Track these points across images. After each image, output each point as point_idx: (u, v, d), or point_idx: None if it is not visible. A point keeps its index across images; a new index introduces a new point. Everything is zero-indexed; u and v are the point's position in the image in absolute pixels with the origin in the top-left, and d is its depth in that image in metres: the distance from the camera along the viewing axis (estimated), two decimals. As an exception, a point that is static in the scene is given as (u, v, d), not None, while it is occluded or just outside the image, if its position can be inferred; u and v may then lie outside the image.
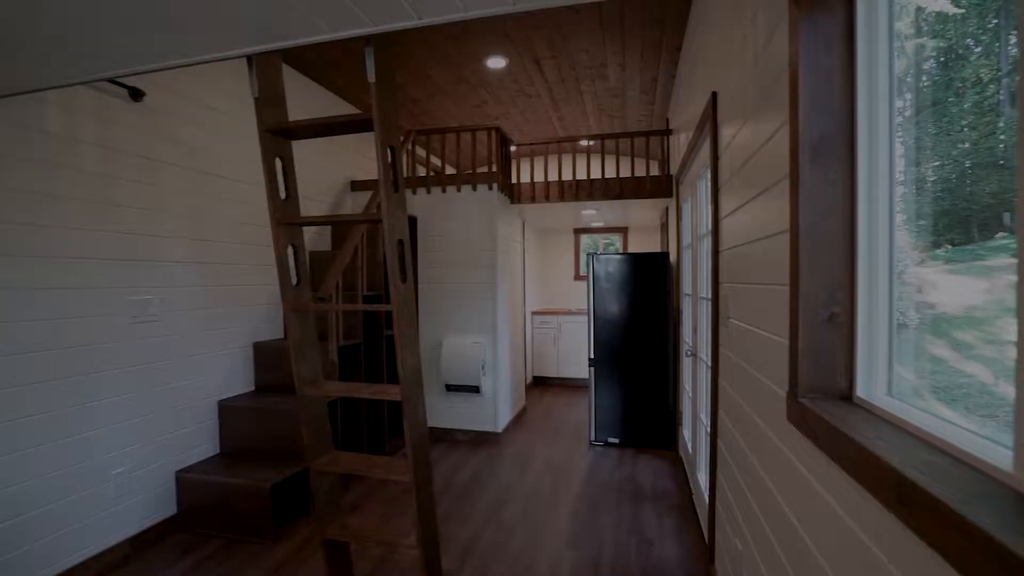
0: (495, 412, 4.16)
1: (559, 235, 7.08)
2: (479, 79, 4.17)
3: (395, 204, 1.56)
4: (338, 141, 4.32)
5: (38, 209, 2.15)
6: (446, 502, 3.09)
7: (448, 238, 4.19)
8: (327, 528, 2.01)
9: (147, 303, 2.59)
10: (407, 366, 1.64)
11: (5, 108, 2.04)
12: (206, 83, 2.96)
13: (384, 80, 1.58)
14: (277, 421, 2.90)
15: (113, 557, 2.42)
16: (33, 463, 2.13)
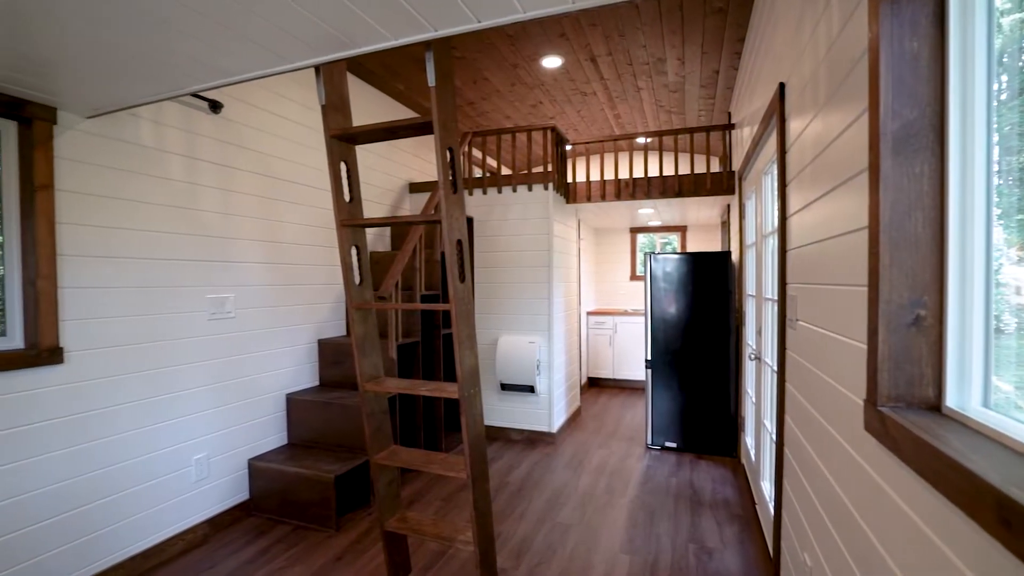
0: (550, 412, 4.16)
1: (615, 235, 6.98)
2: (534, 79, 4.18)
3: (454, 204, 1.59)
4: (397, 145, 4.45)
5: (133, 214, 2.35)
6: (501, 500, 3.11)
7: (504, 238, 4.22)
8: (387, 520, 2.07)
9: (223, 301, 2.77)
10: (465, 365, 1.67)
11: (105, 124, 2.24)
12: (275, 93, 3.13)
13: (444, 83, 1.61)
14: (340, 415, 3.02)
15: (194, 536, 2.61)
16: (125, 447, 2.33)
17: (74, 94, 1.93)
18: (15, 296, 2.03)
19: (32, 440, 2.01)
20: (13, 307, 2.04)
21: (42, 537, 2.03)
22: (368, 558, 2.47)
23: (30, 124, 2.00)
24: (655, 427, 4.06)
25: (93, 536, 2.19)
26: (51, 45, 1.52)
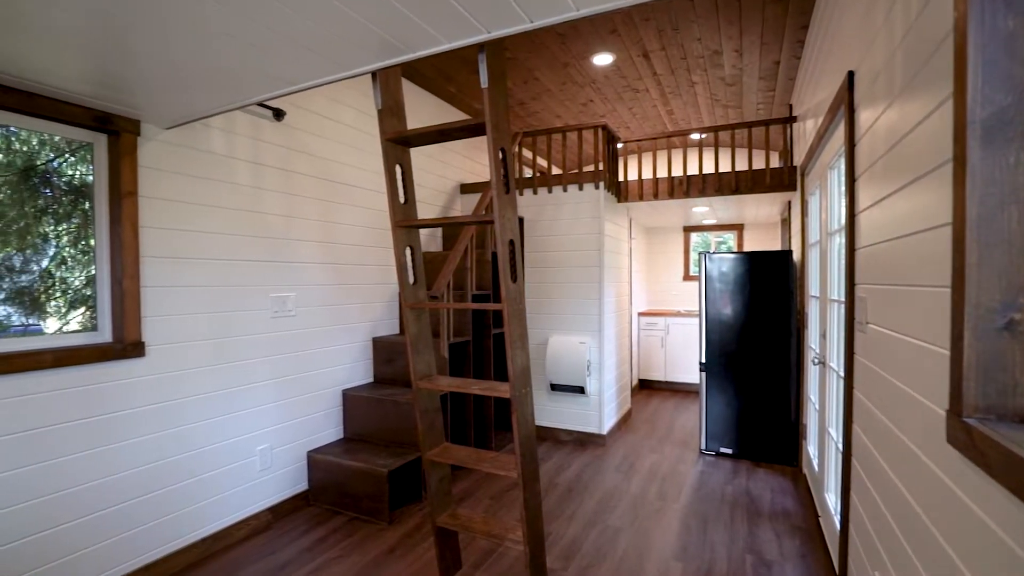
0: (600, 413, 4.11)
1: (667, 234, 6.81)
2: (585, 77, 4.14)
3: (506, 204, 1.60)
4: (448, 146, 4.52)
5: (205, 217, 2.50)
6: (550, 501, 3.10)
7: (554, 238, 4.21)
8: (438, 516, 2.11)
9: (285, 300, 2.91)
10: (517, 364, 1.67)
11: (182, 134, 2.40)
12: (333, 100, 3.25)
13: (496, 84, 1.62)
14: (393, 411, 3.10)
15: (258, 522, 2.75)
16: (198, 436, 2.48)
17: (155, 107, 2.08)
18: (104, 294, 2.21)
19: (120, 426, 2.18)
20: (103, 304, 2.22)
21: (130, 514, 2.20)
22: (420, 552, 2.52)
23: (118, 136, 2.17)
24: (709, 432, 3.93)
25: (172, 516, 2.36)
26: (137, 64, 1.64)
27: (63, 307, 2.19)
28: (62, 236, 2.19)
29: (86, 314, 2.23)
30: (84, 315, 2.23)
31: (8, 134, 2.03)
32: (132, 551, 2.22)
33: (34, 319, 2.10)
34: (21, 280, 2.07)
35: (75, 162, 2.22)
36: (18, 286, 2.06)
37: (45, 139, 2.12)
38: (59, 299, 2.18)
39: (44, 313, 2.13)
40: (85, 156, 2.22)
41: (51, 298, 2.16)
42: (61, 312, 2.19)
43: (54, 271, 2.17)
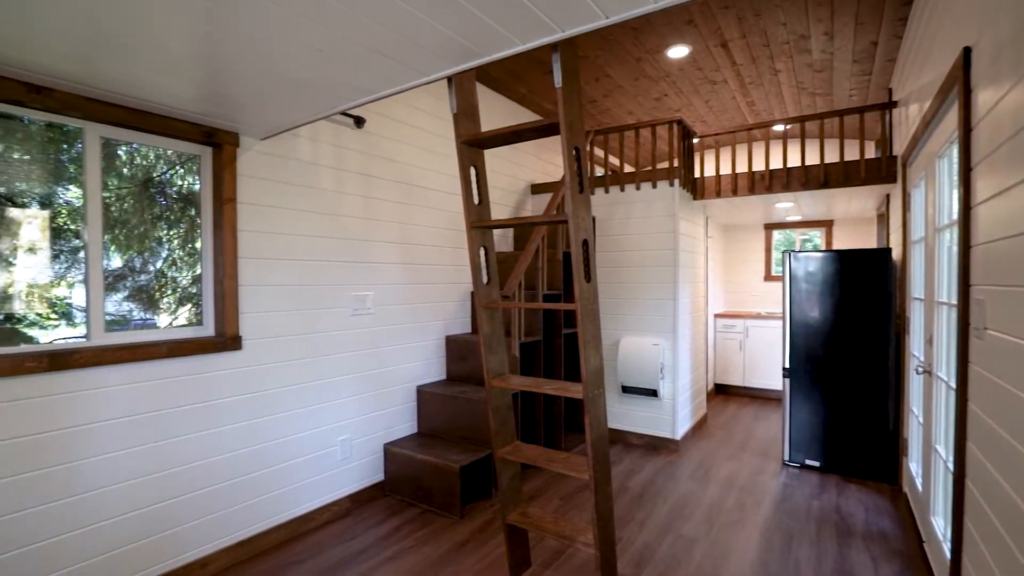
0: (673, 418, 3.97)
1: (747, 232, 6.47)
2: (659, 72, 4.02)
3: (580, 204, 1.59)
4: (519, 147, 4.55)
5: (293, 221, 2.68)
6: (621, 505, 3.04)
7: (627, 237, 4.12)
8: (509, 514, 2.13)
9: (364, 298, 3.05)
10: (590, 365, 1.65)
11: (274, 144, 2.58)
12: (409, 106, 3.37)
13: (570, 84, 1.61)
14: (465, 408, 3.17)
15: (338, 509, 2.90)
16: (286, 424, 2.66)
17: (252, 121, 2.25)
18: (208, 292, 2.43)
19: (220, 413, 2.38)
20: (207, 301, 2.43)
21: (228, 493, 2.40)
22: (490, 548, 2.55)
23: (221, 148, 2.38)
24: (794, 442, 3.69)
25: (264, 498, 2.54)
26: (238, 82, 1.79)
27: (173, 304, 2.43)
28: (173, 240, 2.42)
29: (191, 310, 2.46)
30: (190, 311, 2.46)
31: (131, 151, 2.27)
32: (230, 527, 2.41)
33: (149, 314, 2.34)
34: (140, 280, 2.31)
35: (184, 173, 2.45)
36: (138, 285, 2.30)
37: (160, 153, 2.36)
38: (169, 296, 2.41)
39: (158, 309, 2.37)
40: (192, 167, 2.44)
41: (163, 296, 2.39)
42: (171, 308, 2.42)
43: (166, 271, 2.41)
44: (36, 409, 1.85)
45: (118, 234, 2.22)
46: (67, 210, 2.09)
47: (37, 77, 1.78)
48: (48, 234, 2.05)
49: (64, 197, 2.09)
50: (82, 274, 2.10)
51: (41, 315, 2.03)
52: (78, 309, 2.11)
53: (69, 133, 2.06)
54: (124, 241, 2.24)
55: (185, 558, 2.26)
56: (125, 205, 2.24)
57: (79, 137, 2.07)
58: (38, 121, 1.99)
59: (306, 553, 2.51)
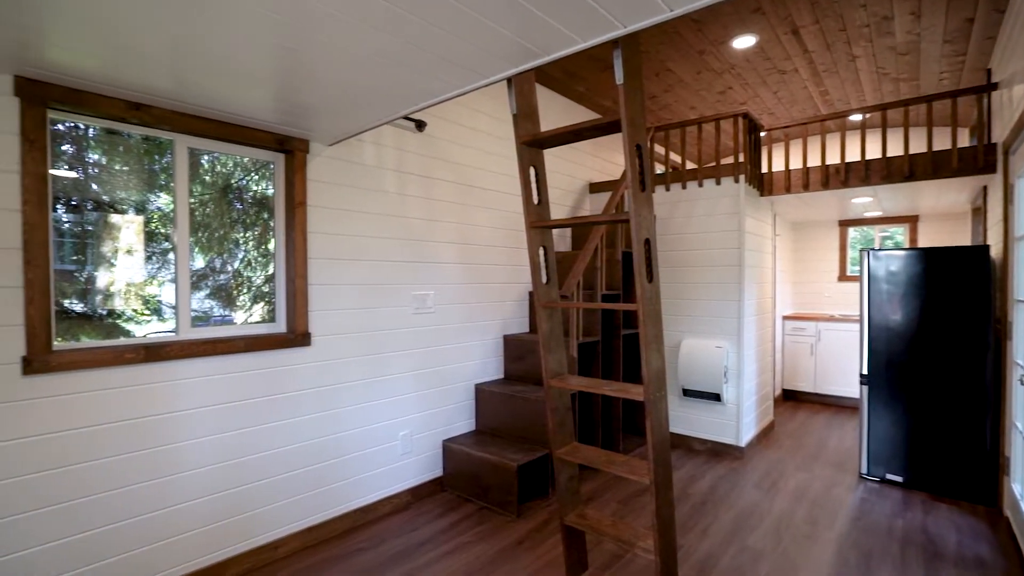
0: (738, 424, 3.81)
1: (819, 229, 6.10)
2: (723, 64, 3.87)
3: (642, 203, 1.55)
4: (577, 146, 4.52)
5: (358, 222, 2.79)
6: (682, 512, 2.95)
7: (689, 236, 3.99)
8: (567, 514, 2.11)
9: (425, 297, 3.12)
10: (651, 367, 1.61)
11: (340, 149, 2.70)
12: (469, 108, 3.42)
13: (631, 80, 1.58)
14: (522, 407, 3.18)
15: (399, 501, 2.99)
16: (351, 418, 2.77)
17: (321, 127, 2.36)
18: (281, 291, 2.57)
19: (290, 406, 2.51)
20: (279, 299, 2.58)
21: (295, 482, 2.53)
22: (546, 548, 2.55)
23: (292, 154, 2.51)
24: (872, 454, 3.44)
25: (330, 487, 2.66)
26: (310, 91, 1.88)
27: (248, 302, 2.58)
28: (248, 242, 2.58)
29: (264, 308, 2.61)
30: (263, 308, 2.61)
31: (212, 159, 2.44)
32: (299, 514, 2.55)
33: (227, 311, 2.50)
34: (220, 279, 2.48)
35: (258, 179, 2.60)
36: (217, 284, 2.47)
37: (237, 161, 2.52)
38: (245, 295, 2.57)
39: (234, 306, 2.53)
40: (265, 173, 2.59)
41: (239, 294, 2.55)
42: (246, 306, 2.58)
43: (242, 271, 2.57)
44: (135, 396, 2.03)
45: (200, 237, 2.39)
46: (158, 215, 2.28)
47: (136, 95, 1.94)
48: (142, 237, 2.24)
49: (155, 204, 2.27)
50: (171, 274, 2.28)
51: (136, 311, 2.22)
52: (167, 306, 2.29)
53: (161, 145, 2.25)
54: (206, 243, 2.41)
55: (259, 540, 2.40)
56: (207, 210, 2.41)
57: (169, 148, 2.25)
58: (135, 135, 2.18)
59: (369, 542, 2.60)
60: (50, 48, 1.56)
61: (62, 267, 2.03)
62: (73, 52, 1.58)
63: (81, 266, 2.08)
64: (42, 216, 1.82)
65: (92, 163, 2.11)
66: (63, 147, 2.02)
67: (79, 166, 2.08)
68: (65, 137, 2.02)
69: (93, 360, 1.91)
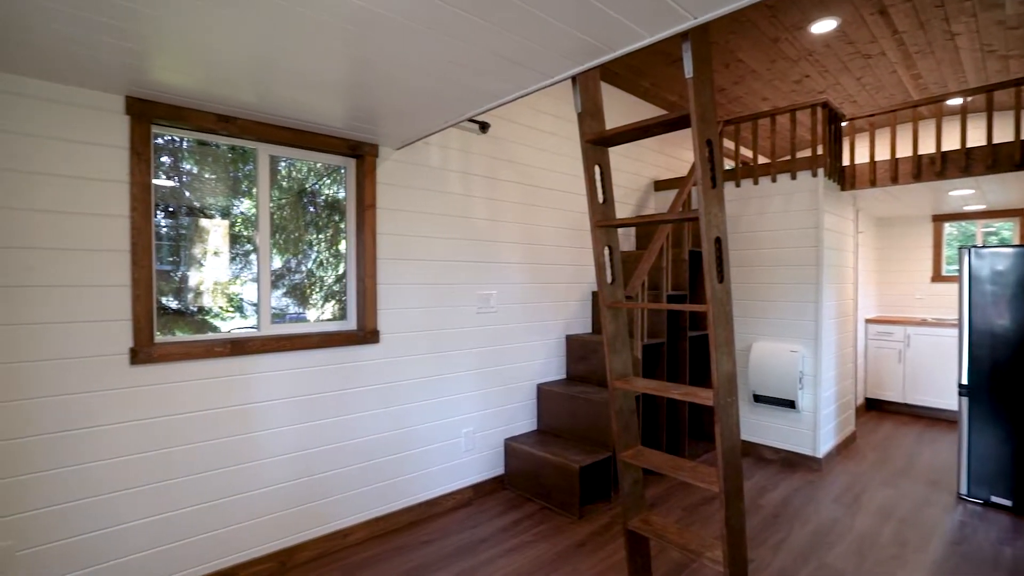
0: (814, 433, 3.59)
1: (910, 225, 5.61)
2: (799, 51, 3.65)
3: (713, 200, 1.49)
4: (642, 142, 4.42)
5: (423, 223, 2.86)
6: (753, 523, 2.81)
7: (761, 234, 3.80)
8: (630, 519, 2.07)
9: (488, 297, 3.16)
10: (721, 370, 1.55)
11: (407, 152, 2.78)
12: (532, 108, 3.43)
13: (701, 73, 1.52)
14: (585, 409, 3.15)
15: (461, 497, 3.05)
16: (416, 414, 2.85)
17: (390, 132, 2.45)
18: (351, 290, 2.69)
19: (359, 400, 2.62)
20: (350, 298, 2.70)
21: (364, 474, 2.64)
22: (608, 551, 2.51)
23: (363, 159, 2.62)
24: (974, 473, 3.13)
25: (391, 482, 2.75)
26: (381, 98, 1.95)
27: (320, 300, 2.72)
28: (320, 243, 2.72)
29: (335, 306, 2.74)
30: (334, 307, 2.74)
31: (289, 165, 2.59)
32: (367, 504, 2.65)
33: (301, 309, 2.65)
34: (295, 279, 2.63)
35: (330, 183, 2.73)
36: (293, 283, 2.62)
37: (311, 166, 2.66)
38: (317, 293, 2.71)
39: (308, 305, 2.68)
40: (337, 178, 2.72)
41: (312, 292, 2.69)
42: (318, 304, 2.72)
43: (315, 271, 2.71)
44: (222, 387, 2.19)
45: (278, 239, 2.54)
46: (241, 219, 2.45)
47: (225, 109, 2.10)
48: (227, 240, 2.41)
49: (239, 208, 2.44)
50: (253, 273, 2.44)
51: (222, 308, 2.40)
52: (248, 303, 2.45)
53: (245, 154, 2.41)
54: (282, 245, 2.56)
55: (330, 527, 2.52)
56: (283, 213, 2.56)
57: (252, 157, 2.41)
58: (223, 145, 2.35)
59: (433, 535, 2.67)
60: (155, 70, 1.71)
61: (160, 267, 2.22)
62: (174, 73, 1.73)
63: (176, 266, 2.28)
64: (146, 221, 2.00)
65: (185, 172, 2.30)
66: (162, 158, 2.21)
67: (175, 175, 2.27)
68: (163, 149, 2.21)
69: (187, 353, 2.09)
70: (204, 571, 2.15)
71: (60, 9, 1.32)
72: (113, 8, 1.32)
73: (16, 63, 1.66)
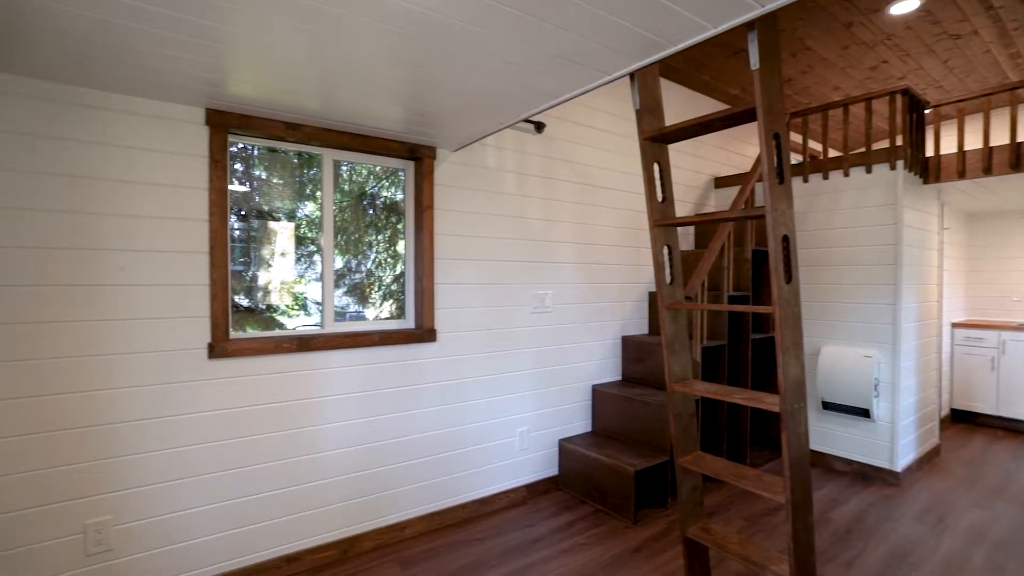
0: (892, 445, 3.34)
1: (1006, 220, 5.11)
2: (876, 35, 3.41)
3: (780, 196, 1.42)
4: (702, 138, 4.27)
5: (479, 224, 2.90)
6: (821, 538, 2.66)
7: (831, 232, 3.58)
8: (688, 527, 2.01)
9: (543, 297, 3.16)
10: (789, 375, 1.47)
11: (464, 154, 2.82)
12: (587, 107, 3.39)
13: (769, 63, 1.45)
14: (641, 411, 3.08)
15: (516, 496, 3.06)
16: (472, 412, 2.89)
17: (447, 135, 2.49)
18: (410, 289, 2.76)
19: (417, 397, 2.69)
20: (408, 297, 2.77)
21: (421, 469, 2.70)
22: (665, 559, 2.45)
23: (421, 161, 2.68)
24: (1081, 495, 2.81)
25: (447, 478, 2.80)
26: (438, 101, 1.99)
27: (378, 299, 2.81)
28: (379, 244, 2.80)
29: (392, 305, 2.82)
30: (391, 306, 2.82)
31: (350, 169, 2.69)
32: (423, 499, 2.71)
33: (360, 308, 2.74)
34: (355, 278, 2.72)
35: (388, 185, 2.81)
36: (353, 282, 2.72)
37: (371, 170, 2.75)
38: (376, 293, 2.80)
39: (366, 303, 2.77)
40: (395, 180, 2.80)
41: (371, 292, 2.78)
42: (377, 303, 2.80)
43: (373, 271, 2.80)
44: (289, 381, 2.31)
45: (339, 240, 2.64)
46: (306, 221, 2.56)
47: (292, 117, 2.21)
48: (293, 241, 2.53)
49: (303, 211, 2.56)
50: (316, 273, 2.55)
51: (288, 306, 2.53)
52: (312, 302, 2.57)
53: (311, 159, 2.53)
54: (343, 246, 2.66)
55: (389, 520, 2.60)
56: (344, 215, 2.66)
57: (316, 162, 2.52)
58: (290, 151, 2.47)
59: (487, 533, 2.70)
60: (232, 83, 1.83)
61: (233, 268, 2.36)
62: (248, 85, 1.84)
63: (246, 267, 2.42)
64: (223, 225, 2.14)
65: (256, 177, 2.44)
66: (235, 165, 2.35)
67: (246, 180, 2.41)
68: (236, 157, 2.35)
69: (258, 348, 2.21)
70: (273, 554, 2.28)
71: (149, 31, 1.43)
72: (194, 27, 1.42)
73: (108, 81, 1.81)
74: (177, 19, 1.37)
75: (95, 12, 1.34)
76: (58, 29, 1.43)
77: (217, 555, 2.15)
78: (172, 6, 1.31)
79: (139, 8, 1.32)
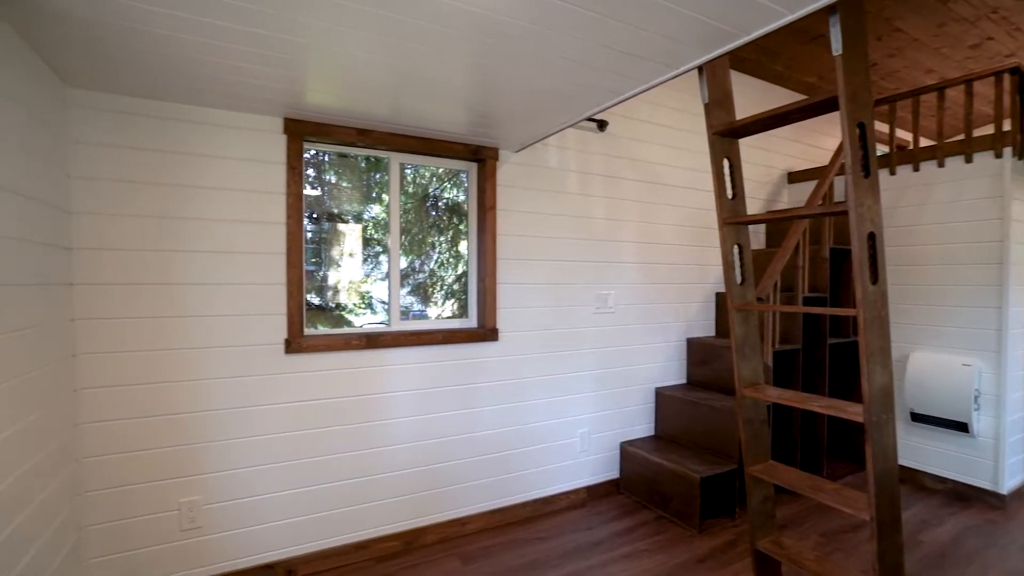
0: (996, 464, 3.03)
1: None
2: (978, 9, 3.10)
3: (865, 191, 1.32)
4: (773, 132, 4.05)
5: (542, 224, 2.90)
6: (910, 562, 2.45)
7: (922, 228, 3.29)
8: (759, 539, 1.91)
9: (606, 297, 3.11)
10: (875, 383, 1.37)
11: (526, 154, 2.83)
12: (651, 103, 3.31)
13: (853, 48, 1.35)
14: (707, 416, 2.97)
15: (576, 497, 3.03)
16: (533, 411, 2.90)
17: (509, 136, 2.51)
18: (472, 289, 2.81)
19: (479, 395, 2.73)
20: (471, 297, 2.82)
21: (483, 466, 2.74)
22: (733, 571, 2.34)
23: (484, 163, 2.72)
24: None
25: (508, 476, 2.82)
26: (499, 102, 2.01)
27: (440, 299, 2.87)
28: (441, 244, 2.86)
29: (455, 304, 2.87)
30: (453, 305, 2.88)
31: (414, 172, 2.77)
32: (485, 496, 2.75)
33: (423, 307, 2.81)
34: (419, 278, 2.80)
35: (450, 187, 2.87)
36: (417, 282, 2.80)
37: (434, 172, 2.82)
38: (438, 292, 2.86)
39: (429, 302, 2.84)
40: (457, 182, 2.85)
41: (434, 291, 2.85)
42: (439, 303, 2.87)
43: (436, 271, 2.86)
44: (359, 376, 2.41)
45: (404, 241, 2.72)
46: (372, 223, 2.67)
47: (362, 123, 2.31)
48: (360, 243, 2.64)
49: (370, 213, 2.66)
50: (383, 273, 2.65)
51: (356, 305, 2.64)
52: (378, 301, 2.67)
53: (379, 163, 2.62)
54: (407, 246, 2.74)
55: (451, 514, 2.65)
56: (408, 217, 2.74)
57: (384, 165, 2.61)
58: (359, 156, 2.58)
59: (548, 533, 2.69)
60: (308, 93, 1.93)
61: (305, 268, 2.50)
62: (322, 94, 1.94)
63: (317, 267, 2.55)
64: (299, 227, 2.26)
65: (327, 182, 2.57)
66: (308, 171, 2.48)
67: (318, 185, 2.54)
68: (309, 162, 2.48)
69: (330, 345, 2.32)
70: (342, 541, 2.39)
71: (231, 47, 1.54)
72: (274, 41, 1.50)
73: (192, 95, 1.96)
74: (260, 36, 1.47)
75: (189, 35, 1.45)
76: (156, 51, 1.57)
77: (292, 539, 2.28)
78: (256, 23, 1.40)
79: (223, 28, 1.42)
